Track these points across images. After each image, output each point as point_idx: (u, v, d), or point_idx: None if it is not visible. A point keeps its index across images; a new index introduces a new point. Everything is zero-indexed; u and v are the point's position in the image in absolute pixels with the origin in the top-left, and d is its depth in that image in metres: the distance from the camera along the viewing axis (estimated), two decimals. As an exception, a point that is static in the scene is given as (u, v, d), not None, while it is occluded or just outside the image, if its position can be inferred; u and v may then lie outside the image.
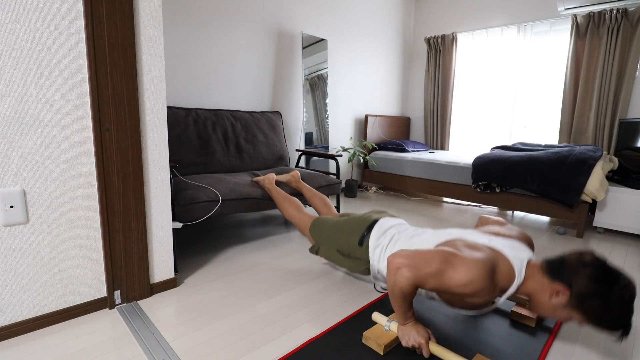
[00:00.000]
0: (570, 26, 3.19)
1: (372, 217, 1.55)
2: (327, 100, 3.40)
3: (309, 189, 2.12)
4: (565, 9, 3.08)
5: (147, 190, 1.42)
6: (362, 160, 3.81)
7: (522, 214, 3.16)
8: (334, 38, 3.48)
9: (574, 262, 1.00)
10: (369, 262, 1.47)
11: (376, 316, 1.26)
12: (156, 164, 1.43)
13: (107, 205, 1.31)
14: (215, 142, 2.43)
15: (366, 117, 3.79)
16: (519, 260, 1.09)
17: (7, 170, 1.11)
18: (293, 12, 3.07)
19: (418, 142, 4.16)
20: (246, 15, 2.74)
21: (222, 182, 2.00)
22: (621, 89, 2.95)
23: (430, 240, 1.29)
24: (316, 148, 3.33)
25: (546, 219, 3.02)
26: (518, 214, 3.17)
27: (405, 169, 3.52)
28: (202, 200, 1.76)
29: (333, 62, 3.52)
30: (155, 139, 1.41)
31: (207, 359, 1.11)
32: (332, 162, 3.52)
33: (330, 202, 2.02)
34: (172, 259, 1.54)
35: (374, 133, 3.94)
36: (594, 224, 2.57)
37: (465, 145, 4.12)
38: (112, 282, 1.36)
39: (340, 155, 2.77)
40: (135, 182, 1.36)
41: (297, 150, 3.06)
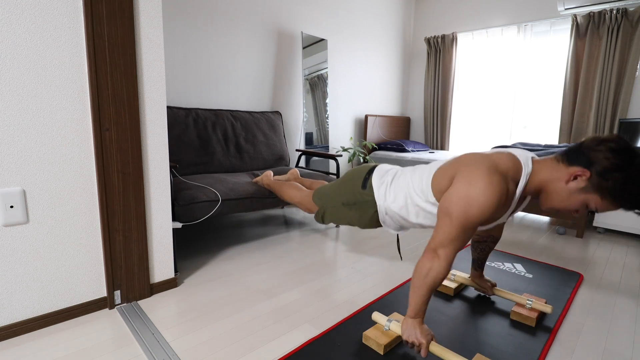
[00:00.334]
0: (570, 26, 3.19)
1: (370, 164, 1.54)
2: (327, 100, 3.40)
3: (309, 180, 2.12)
4: (565, 9, 3.08)
5: (147, 190, 1.42)
6: (362, 160, 3.81)
7: (522, 214, 3.16)
8: (334, 38, 3.48)
9: (592, 142, 0.99)
10: (375, 204, 1.41)
11: (376, 316, 1.26)
12: (156, 164, 1.43)
13: (107, 205, 1.31)
14: (215, 142, 2.43)
15: (366, 117, 3.79)
16: (522, 153, 1.09)
17: (7, 170, 1.11)
18: (293, 12, 3.07)
19: (418, 142, 4.16)
20: (246, 15, 2.74)
21: (222, 182, 2.00)
22: (621, 89, 2.95)
23: (431, 165, 1.27)
24: (316, 148, 3.33)
25: (546, 219, 3.02)
26: (518, 213, 3.17)
27: (405, 169, 3.51)
28: (202, 200, 1.76)
29: (333, 62, 3.52)
30: (155, 139, 1.41)
31: (207, 359, 1.11)
32: (332, 162, 3.52)
33: None
34: (172, 259, 1.54)
35: (374, 133, 3.94)
36: (594, 224, 2.57)
37: (465, 145, 4.12)
38: (112, 282, 1.36)
39: (340, 155, 2.77)
40: (135, 182, 1.36)
41: (297, 150, 3.06)
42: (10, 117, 1.10)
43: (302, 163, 3.18)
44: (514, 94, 3.67)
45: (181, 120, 2.31)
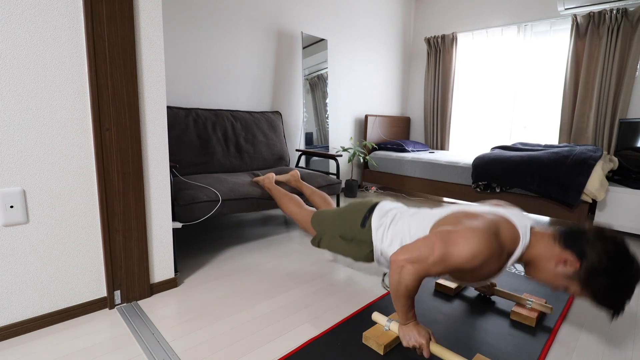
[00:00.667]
0: (570, 26, 3.19)
1: (372, 201, 1.55)
2: (327, 100, 3.40)
3: (309, 187, 2.12)
4: (565, 9, 3.08)
5: (147, 190, 1.42)
6: (362, 160, 3.81)
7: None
8: (334, 38, 3.48)
9: (593, 234, 0.98)
10: (372, 244, 1.44)
11: (376, 316, 1.26)
12: (156, 164, 1.43)
13: (107, 205, 1.31)
14: (215, 142, 2.43)
15: (366, 117, 3.79)
16: (522, 224, 1.08)
17: (7, 170, 1.11)
18: (293, 12, 3.07)
19: (418, 142, 4.16)
20: (246, 15, 2.74)
21: (222, 182, 2.01)
22: (621, 89, 2.95)
23: (431, 214, 1.28)
24: (316, 148, 3.33)
25: (546, 219, 3.02)
26: (518, 214, 3.16)
27: (405, 169, 3.52)
28: (202, 200, 1.76)
29: (333, 62, 3.52)
30: (155, 139, 1.41)
31: (207, 359, 1.11)
32: (332, 162, 3.52)
33: (331, 199, 2.02)
34: (172, 259, 1.54)
35: (374, 133, 3.94)
36: (594, 224, 2.57)
37: (465, 145, 4.12)
38: (112, 282, 1.36)
39: (340, 155, 2.77)
40: (135, 182, 1.36)
41: (297, 150, 3.06)
42: (10, 117, 1.10)
43: (302, 163, 3.18)
44: (514, 94, 3.67)
45: (181, 120, 2.31)
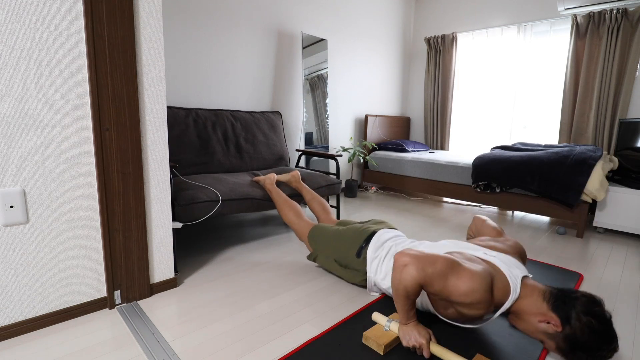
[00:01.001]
0: (570, 26, 3.19)
1: (370, 229, 1.56)
2: (327, 100, 3.40)
3: (309, 192, 2.13)
4: (565, 9, 3.08)
5: (147, 190, 1.42)
6: (362, 160, 3.81)
7: (522, 213, 3.16)
8: (334, 38, 3.48)
9: (582, 306, 1.00)
10: (366, 274, 1.49)
11: (376, 316, 1.26)
12: (156, 164, 1.43)
13: (107, 205, 1.31)
14: (215, 142, 2.43)
15: (366, 117, 3.79)
16: (514, 276, 1.11)
17: (7, 170, 1.11)
18: (293, 12, 3.07)
19: (418, 142, 4.16)
20: (246, 15, 2.74)
21: (222, 182, 2.00)
22: (621, 89, 2.95)
23: (430, 251, 1.30)
24: (316, 148, 3.33)
25: (546, 218, 3.02)
26: (518, 213, 3.17)
27: (405, 169, 3.52)
28: (202, 200, 1.76)
29: (333, 62, 3.52)
30: (155, 139, 1.41)
31: (207, 359, 1.11)
32: (332, 162, 3.52)
33: (330, 208, 2.03)
34: (172, 259, 1.54)
35: (374, 133, 3.94)
36: (594, 224, 2.57)
37: (465, 145, 4.12)
38: (112, 282, 1.36)
39: (340, 155, 2.77)
40: (135, 182, 1.36)
41: (297, 150, 3.06)
42: (10, 117, 1.10)
43: (302, 163, 3.18)
44: (514, 94, 3.67)
45: (181, 120, 2.31)
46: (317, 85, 3.30)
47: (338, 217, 2.63)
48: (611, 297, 1.60)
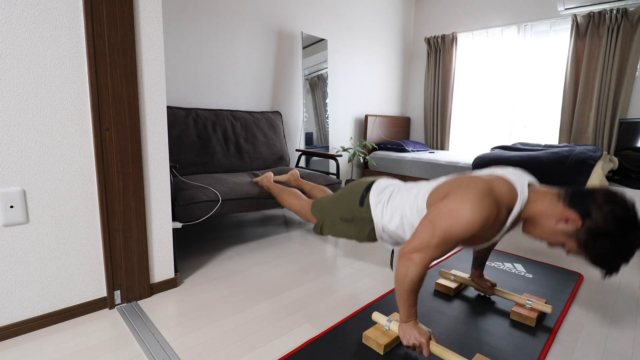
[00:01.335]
0: (570, 26, 3.19)
1: (368, 179, 1.54)
2: (327, 100, 3.40)
3: (308, 184, 2.12)
4: (565, 9, 3.08)
5: (147, 190, 1.42)
6: (362, 160, 3.80)
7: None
8: (334, 38, 3.48)
9: (602, 196, 0.95)
10: (372, 221, 1.42)
11: (376, 316, 1.26)
12: (156, 164, 1.43)
13: (107, 205, 1.31)
14: (215, 142, 2.43)
15: (366, 117, 3.79)
16: (519, 180, 1.06)
17: (7, 170, 1.11)
18: (293, 12, 3.07)
19: (418, 142, 4.16)
20: (246, 15, 2.74)
21: (222, 182, 2.01)
22: (621, 89, 2.95)
23: (428, 185, 1.27)
24: (316, 148, 3.33)
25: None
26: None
27: (405, 169, 3.52)
28: (202, 200, 1.76)
29: (333, 62, 3.52)
30: (155, 139, 1.41)
31: (207, 359, 1.11)
32: (332, 162, 3.52)
33: (330, 192, 2.01)
34: (172, 259, 1.54)
35: (374, 133, 3.94)
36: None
37: (465, 145, 4.12)
38: (112, 282, 1.36)
39: (340, 155, 2.77)
40: (135, 182, 1.36)
41: (297, 150, 3.06)
42: (10, 117, 1.10)
43: (302, 163, 3.18)
44: (514, 94, 3.67)
45: (181, 120, 2.31)
46: (317, 85, 3.30)
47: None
48: (611, 297, 1.60)
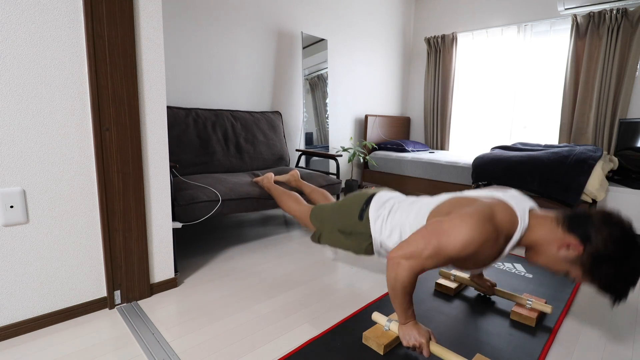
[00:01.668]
0: (570, 26, 3.18)
1: (369, 192, 1.53)
2: (327, 100, 3.40)
3: (309, 186, 2.12)
4: (565, 9, 3.08)
5: (147, 190, 1.42)
6: (362, 160, 3.81)
7: (522, 214, 3.15)
8: (334, 38, 3.48)
9: (600, 219, 0.94)
10: (371, 236, 1.42)
11: (376, 316, 1.26)
12: (156, 164, 1.43)
13: (107, 205, 1.31)
14: (215, 142, 2.43)
15: (366, 117, 3.79)
16: (520, 206, 1.05)
17: (7, 170, 1.11)
18: (293, 12, 3.07)
19: (418, 142, 4.16)
20: (246, 15, 2.74)
21: (222, 182, 2.01)
22: (621, 89, 2.95)
23: (429, 202, 1.26)
24: (316, 148, 3.33)
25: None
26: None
27: (405, 169, 3.52)
28: (202, 200, 1.76)
29: (333, 62, 3.52)
30: (155, 139, 1.41)
31: (207, 359, 1.11)
32: (332, 162, 3.52)
33: (331, 196, 2.01)
34: (172, 259, 1.54)
35: (374, 133, 3.93)
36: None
37: (465, 145, 4.12)
38: (112, 282, 1.36)
39: (340, 155, 2.77)
40: (135, 182, 1.36)
41: (297, 150, 3.06)
42: (10, 117, 1.10)
43: (302, 163, 3.18)
44: (514, 94, 3.67)
45: (181, 120, 2.31)
46: (317, 85, 3.30)
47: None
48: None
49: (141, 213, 1.40)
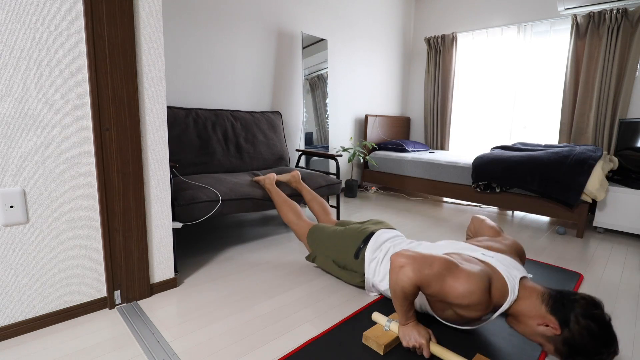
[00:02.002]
0: (570, 26, 3.19)
1: (368, 229, 1.56)
2: (327, 100, 3.40)
3: (309, 192, 2.13)
4: (565, 9, 3.08)
5: (147, 190, 1.42)
6: (362, 160, 3.81)
7: (522, 213, 3.16)
8: (334, 38, 3.48)
9: (581, 308, 0.97)
10: (364, 275, 1.49)
11: (376, 316, 1.26)
12: (156, 164, 1.43)
13: (107, 205, 1.31)
14: (215, 142, 2.43)
15: (366, 117, 3.79)
16: (512, 278, 1.09)
17: (7, 170, 1.11)
18: (293, 12, 3.07)
19: (418, 142, 4.16)
20: (246, 15, 2.74)
21: (222, 182, 2.00)
22: (621, 89, 2.95)
23: (429, 249, 1.30)
24: (316, 148, 3.33)
25: (546, 218, 3.02)
26: (518, 213, 3.17)
27: (405, 169, 3.52)
28: (202, 200, 1.76)
29: (333, 62, 3.52)
30: (155, 139, 1.41)
31: (207, 359, 1.11)
32: (332, 162, 3.52)
33: (330, 209, 2.03)
34: (172, 259, 1.54)
35: (374, 133, 3.93)
36: (594, 224, 2.57)
37: (465, 145, 4.12)
38: (112, 282, 1.36)
39: (340, 155, 2.77)
40: (135, 182, 1.36)
41: (297, 150, 3.06)
42: (10, 117, 1.10)
43: (302, 163, 3.18)
44: (514, 94, 3.67)
45: (181, 120, 2.31)
46: (317, 85, 3.30)
47: (338, 217, 2.63)
48: (611, 297, 1.60)
49: (141, 213, 1.40)
